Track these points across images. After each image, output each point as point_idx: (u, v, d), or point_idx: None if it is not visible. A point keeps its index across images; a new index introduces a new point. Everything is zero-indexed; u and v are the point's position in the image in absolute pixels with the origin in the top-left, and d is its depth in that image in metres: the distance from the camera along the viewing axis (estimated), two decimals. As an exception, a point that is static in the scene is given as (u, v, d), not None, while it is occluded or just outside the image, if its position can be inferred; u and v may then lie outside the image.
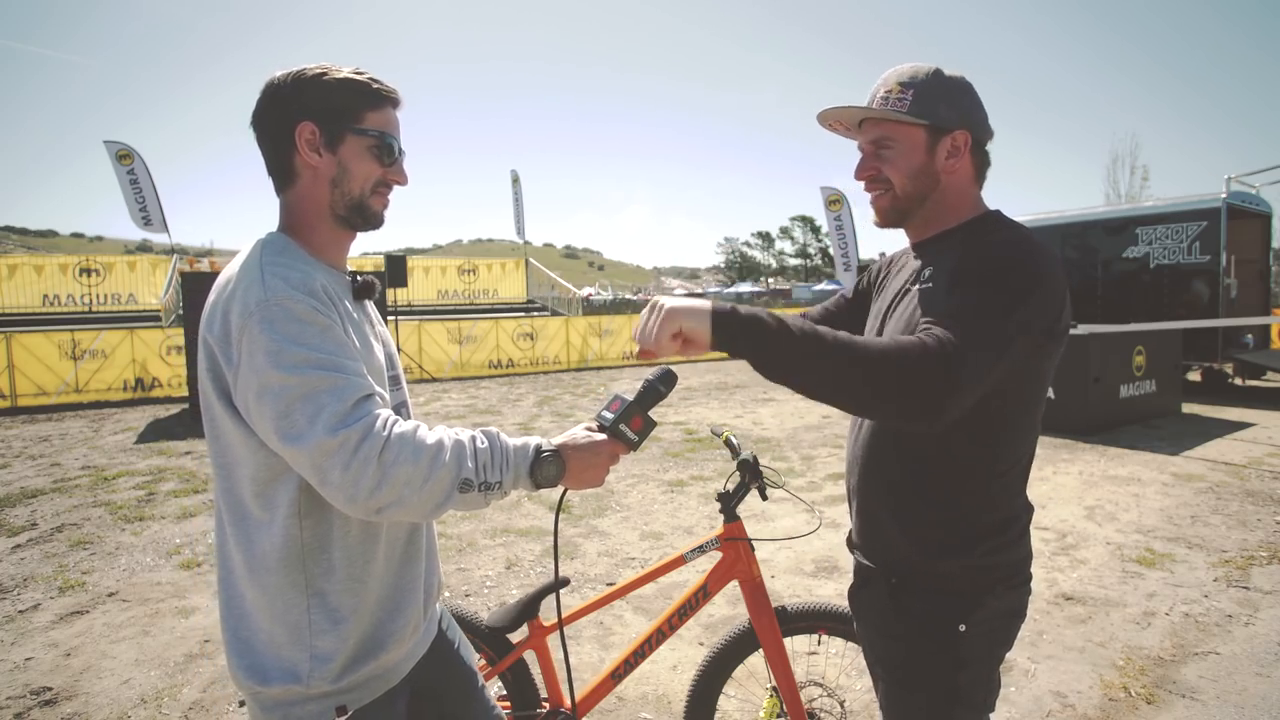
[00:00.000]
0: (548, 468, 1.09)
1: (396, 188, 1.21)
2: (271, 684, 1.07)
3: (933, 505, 1.22)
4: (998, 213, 1.27)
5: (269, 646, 1.08)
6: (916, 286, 1.25)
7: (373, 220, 1.19)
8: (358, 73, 1.14)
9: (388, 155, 1.16)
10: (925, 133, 1.21)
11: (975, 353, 1.01)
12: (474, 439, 1.06)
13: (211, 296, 1.07)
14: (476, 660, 1.46)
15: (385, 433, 0.98)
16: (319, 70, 1.12)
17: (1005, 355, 1.06)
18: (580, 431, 1.19)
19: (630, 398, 1.23)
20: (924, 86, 1.20)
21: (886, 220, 1.31)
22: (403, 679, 1.21)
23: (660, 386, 1.26)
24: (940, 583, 1.23)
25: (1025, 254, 1.12)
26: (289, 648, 1.07)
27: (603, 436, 1.18)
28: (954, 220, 1.26)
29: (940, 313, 1.07)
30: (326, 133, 1.11)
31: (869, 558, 1.34)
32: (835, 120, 1.30)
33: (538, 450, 1.09)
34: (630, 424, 1.20)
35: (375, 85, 1.15)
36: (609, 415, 1.21)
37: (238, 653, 1.09)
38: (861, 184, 1.31)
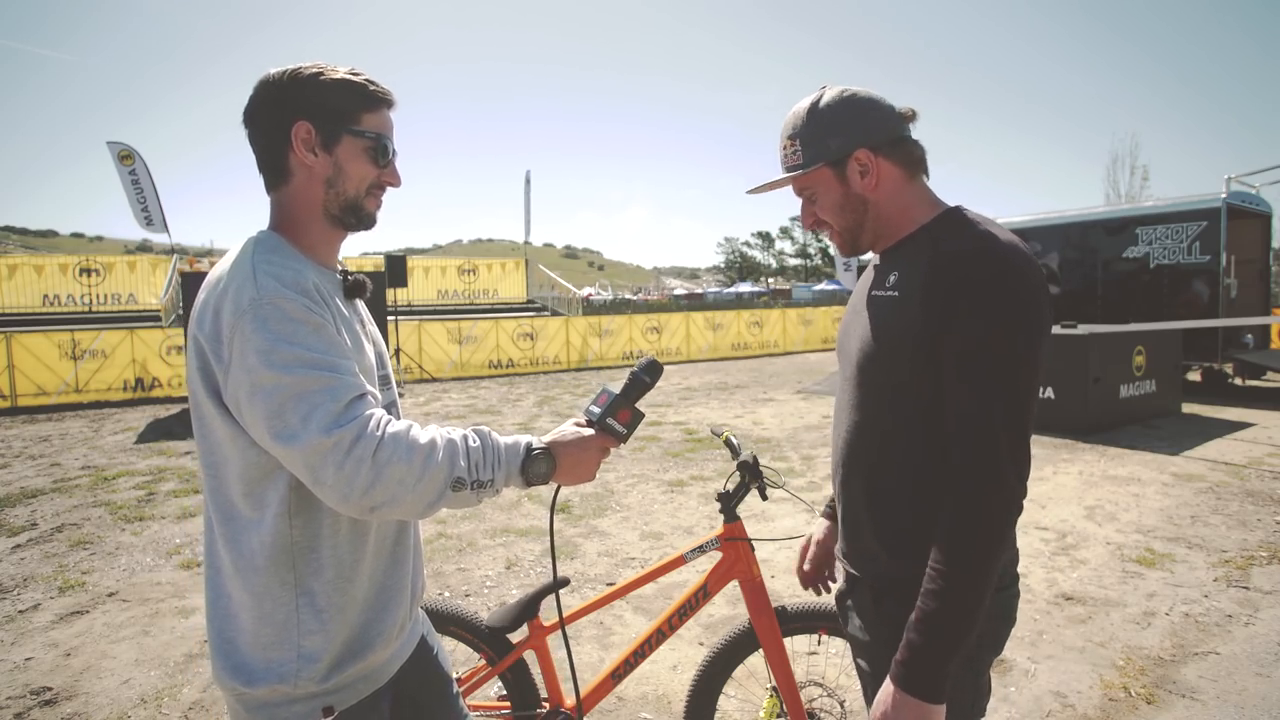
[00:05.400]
0: (538, 465, 1.10)
1: (389, 189, 1.21)
2: (257, 685, 1.06)
3: (913, 511, 1.21)
4: (958, 210, 1.24)
5: (255, 646, 1.07)
6: (878, 292, 1.25)
7: (365, 221, 1.19)
8: (354, 73, 1.14)
9: (383, 156, 1.16)
10: (829, 168, 1.24)
11: (1013, 468, 1.07)
12: (466, 438, 1.06)
13: (202, 295, 1.06)
14: (452, 666, 1.46)
15: (379, 433, 0.98)
16: (316, 69, 1.11)
17: (1032, 415, 1.11)
18: (569, 427, 1.20)
19: (617, 391, 1.23)
20: (805, 132, 1.24)
21: (847, 252, 1.35)
22: (388, 681, 1.21)
23: (645, 377, 1.27)
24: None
25: (1007, 286, 1.09)
26: (276, 648, 1.07)
27: (591, 431, 1.19)
28: (909, 226, 1.26)
29: (961, 428, 1.10)
30: (323, 132, 1.11)
31: (854, 565, 1.34)
32: (766, 190, 1.35)
33: (528, 448, 1.10)
34: (618, 417, 1.21)
35: (372, 87, 1.15)
36: (596, 410, 1.22)
37: (223, 653, 1.08)
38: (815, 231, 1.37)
